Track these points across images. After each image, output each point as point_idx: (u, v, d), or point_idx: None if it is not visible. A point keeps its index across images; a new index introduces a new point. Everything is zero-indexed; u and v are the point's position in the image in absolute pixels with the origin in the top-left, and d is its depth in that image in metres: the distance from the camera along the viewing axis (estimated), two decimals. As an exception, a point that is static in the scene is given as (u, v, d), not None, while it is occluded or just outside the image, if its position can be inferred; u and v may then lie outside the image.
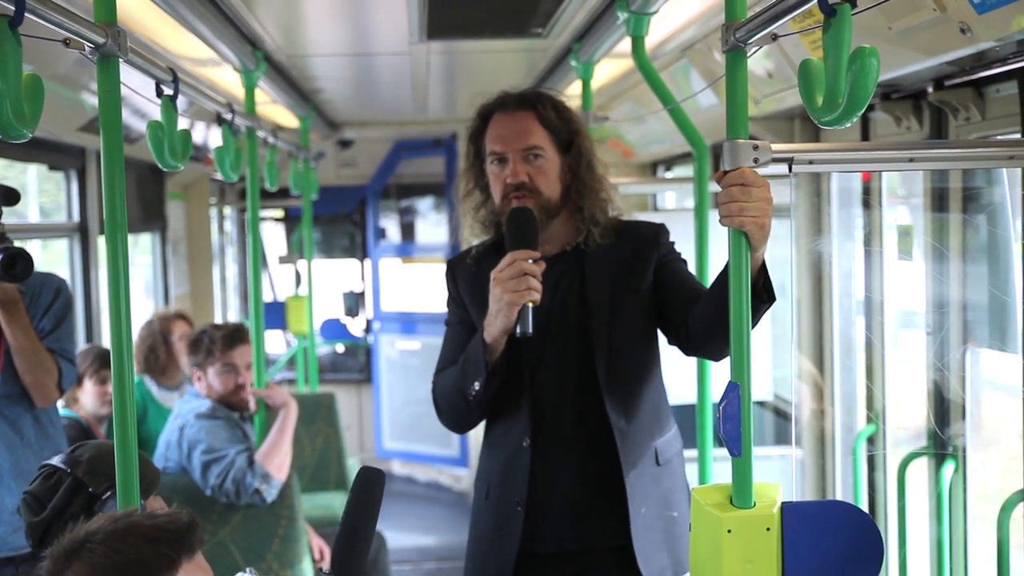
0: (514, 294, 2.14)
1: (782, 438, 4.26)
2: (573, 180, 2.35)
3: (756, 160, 1.61)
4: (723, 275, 2.02)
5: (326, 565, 3.93)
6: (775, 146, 1.62)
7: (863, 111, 1.34)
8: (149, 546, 1.42)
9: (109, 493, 1.94)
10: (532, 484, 2.30)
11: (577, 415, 2.30)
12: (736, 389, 1.61)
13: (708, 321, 2.10)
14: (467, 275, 2.42)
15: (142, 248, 5.76)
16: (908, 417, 3.27)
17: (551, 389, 2.31)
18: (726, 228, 1.67)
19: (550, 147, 2.32)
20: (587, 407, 2.29)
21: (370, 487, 1.75)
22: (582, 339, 2.29)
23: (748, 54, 1.60)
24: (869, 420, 3.32)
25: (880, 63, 1.30)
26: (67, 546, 1.42)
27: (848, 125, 1.36)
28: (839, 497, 3.47)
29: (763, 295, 1.89)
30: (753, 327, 1.96)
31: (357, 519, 1.74)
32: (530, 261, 2.18)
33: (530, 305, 2.16)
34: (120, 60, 1.74)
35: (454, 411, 2.38)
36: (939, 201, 2.80)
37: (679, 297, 2.26)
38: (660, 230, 2.38)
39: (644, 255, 2.33)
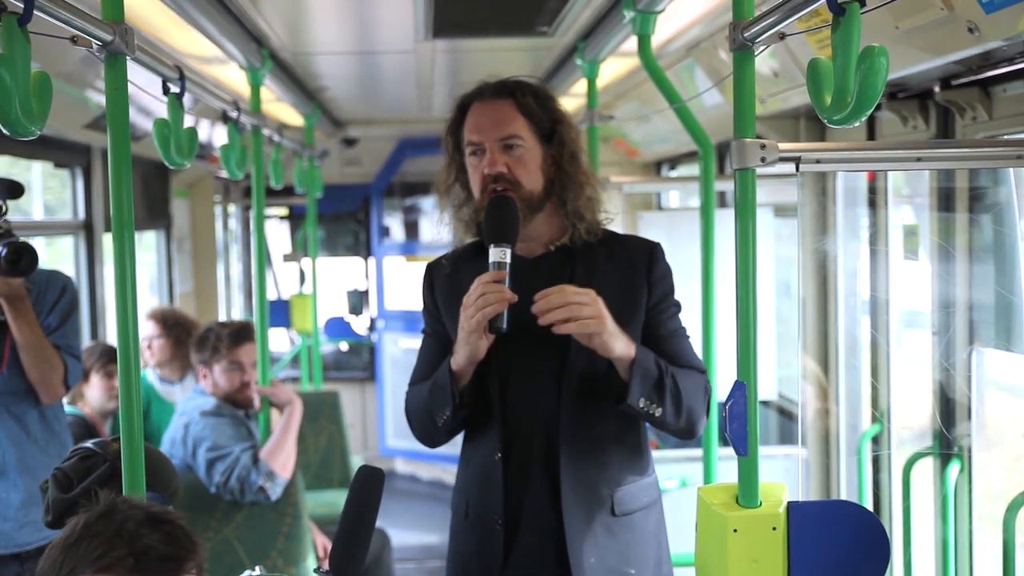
0: (472, 320, 2.03)
1: (786, 438, 4.26)
2: (556, 172, 2.19)
3: (763, 159, 1.60)
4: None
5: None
6: (782, 145, 1.62)
7: (872, 110, 1.34)
8: (89, 547, 1.44)
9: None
10: (507, 501, 2.17)
11: (540, 438, 2.17)
12: (742, 388, 1.61)
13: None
14: (444, 278, 2.30)
15: (146, 245, 5.77)
16: (913, 417, 3.26)
17: (521, 405, 2.18)
18: (732, 225, 1.66)
19: (530, 136, 2.18)
20: (548, 433, 2.16)
21: (369, 486, 1.74)
22: (553, 364, 2.16)
23: (755, 53, 1.60)
24: (874, 420, 3.32)
25: (889, 63, 1.30)
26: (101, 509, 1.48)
27: (857, 124, 1.36)
28: (843, 497, 3.47)
29: (627, 395, 1.99)
30: (668, 427, 2.10)
31: (356, 518, 1.73)
32: (506, 257, 2.05)
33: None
34: (127, 58, 1.74)
35: (424, 430, 2.26)
36: (945, 201, 2.80)
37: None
38: (653, 256, 2.21)
39: (632, 288, 2.18)
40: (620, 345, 2.04)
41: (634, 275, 2.19)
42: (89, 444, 2.08)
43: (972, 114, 2.53)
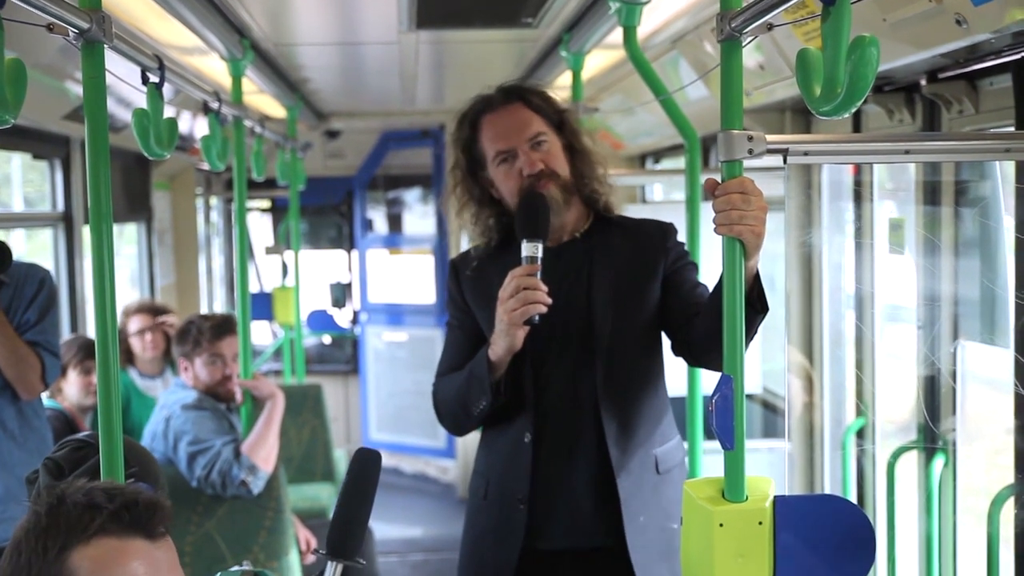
0: (514, 313, 2.13)
1: (770, 431, 4.26)
2: (573, 155, 2.34)
3: (751, 151, 1.59)
4: (718, 288, 1.99)
5: (312, 557, 3.87)
6: (770, 137, 1.60)
7: (861, 102, 1.33)
8: (81, 506, 1.41)
9: (133, 481, 1.92)
10: (534, 481, 2.27)
11: (577, 414, 2.27)
12: (729, 382, 1.60)
13: (708, 334, 2.03)
14: (471, 274, 2.39)
15: (127, 238, 5.72)
16: (897, 411, 3.27)
17: (554, 386, 2.28)
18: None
19: (549, 131, 2.31)
20: (585, 408, 2.26)
21: (366, 469, 1.73)
22: (583, 339, 2.27)
23: (743, 44, 1.58)
24: (859, 413, 3.32)
25: (880, 53, 1.29)
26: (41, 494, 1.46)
27: (846, 115, 1.35)
28: (827, 491, 3.47)
29: (756, 305, 1.88)
30: (750, 339, 1.92)
31: (353, 501, 1.72)
32: (538, 252, 2.15)
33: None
34: (105, 46, 1.71)
35: (454, 419, 2.36)
36: (931, 195, 2.79)
37: (683, 309, 2.23)
38: (667, 231, 2.35)
39: (649, 258, 2.30)
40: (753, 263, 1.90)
41: (650, 246, 2.31)
42: (81, 435, 2.06)
43: (958, 107, 2.52)
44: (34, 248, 4.92)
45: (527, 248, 2.17)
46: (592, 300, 2.27)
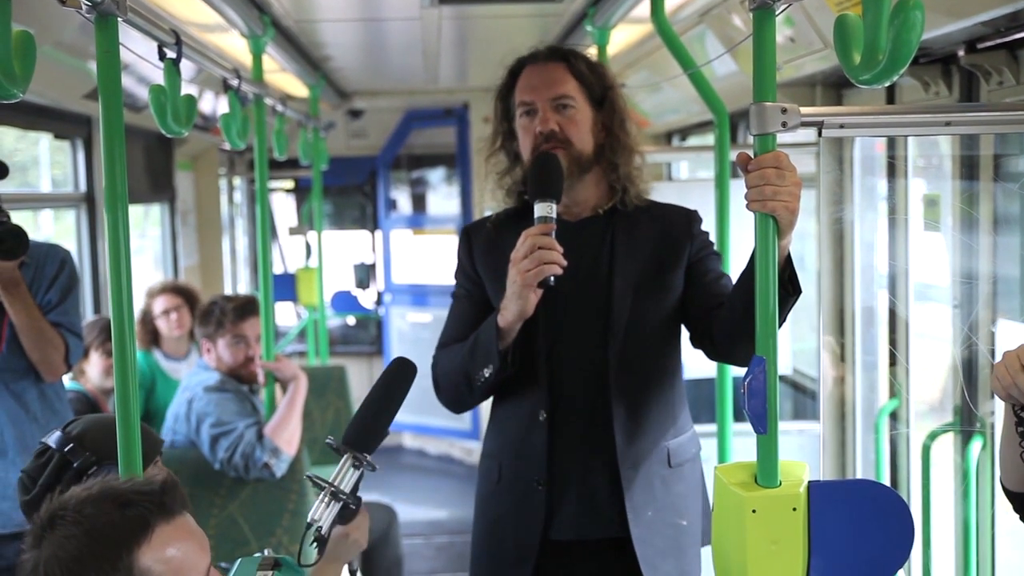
0: (527, 274, 2.06)
1: (800, 413, 4.20)
2: (606, 137, 2.24)
3: (784, 124, 1.53)
4: (744, 277, 1.92)
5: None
6: (804, 109, 1.54)
7: (904, 70, 1.26)
8: (120, 510, 1.40)
9: (96, 467, 1.90)
10: (551, 462, 2.19)
11: (591, 395, 2.20)
12: (762, 364, 1.54)
13: (732, 328, 2.00)
14: (485, 241, 2.31)
15: (154, 220, 5.71)
16: (932, 393, 3.20)
17: (568, 363, 2.20)
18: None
19: (582, 99, 2.23)
20: (597, 390, 2.19)
21: (401, 375, 1.77)
22: (599, 319, 2.19)
23: (776, 13, 1.52)
24: (892, 395, 3.25)
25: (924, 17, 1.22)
26: (44, 517, 1.42)
27: (887, 84, 1.29)
28: (860, 474, 3.41)
29: (788, 287, 1.81)
30: (781, 323, 1.86)
31: (381, 400, 1.74)
32: (552, 212, 2.08)
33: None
34: (120, 20, 1.67)
35: (455, 392, 2.26)
36: (967, 169, 2.71)
37: (706, 299, 2.16)
38: (692, 217, 2.27)
39: (675, 244, 2.22)
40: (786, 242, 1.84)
41: (675, 231, 2.24)
42: (47, 438, 2.01)
43: (998, 78, 2.43)
44: (61, 230, 4.91)
45: (540, 208, 2.09)
46: (613, 281, 2.20)
